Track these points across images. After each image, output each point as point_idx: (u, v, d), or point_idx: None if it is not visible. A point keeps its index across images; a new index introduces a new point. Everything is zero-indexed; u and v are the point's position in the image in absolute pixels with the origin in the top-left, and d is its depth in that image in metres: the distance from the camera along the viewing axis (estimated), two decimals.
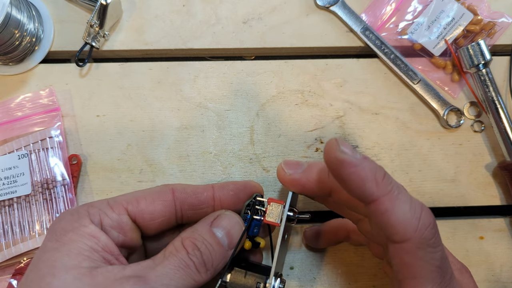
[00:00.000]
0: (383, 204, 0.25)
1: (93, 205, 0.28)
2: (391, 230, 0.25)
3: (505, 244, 0.42)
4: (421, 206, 0.26)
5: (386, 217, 0.25)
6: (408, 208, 0.25)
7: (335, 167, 0.26)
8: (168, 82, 0.44)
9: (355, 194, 0.26)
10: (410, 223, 0.25)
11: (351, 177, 0.26)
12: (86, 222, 0.27)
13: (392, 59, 0.44)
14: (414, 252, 0.25)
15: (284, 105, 0.44)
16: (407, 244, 0.25)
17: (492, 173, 0.43)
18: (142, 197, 0.29)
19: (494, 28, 0.44)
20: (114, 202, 0.29)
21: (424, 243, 0.25)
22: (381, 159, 0.43)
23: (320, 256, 0.41)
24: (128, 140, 0.42)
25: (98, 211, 0.27)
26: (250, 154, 0.43)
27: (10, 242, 0.38)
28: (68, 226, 0.26)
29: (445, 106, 0.43)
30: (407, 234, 0.25)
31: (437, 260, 0.26)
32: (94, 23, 0.41)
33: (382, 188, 0.25)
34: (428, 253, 0.25)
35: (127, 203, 0.29)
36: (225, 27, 0.45)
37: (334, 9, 0.45)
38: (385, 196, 0.25)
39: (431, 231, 0.25)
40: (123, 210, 0.28)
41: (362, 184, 0.25)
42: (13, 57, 0.42)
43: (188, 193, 0.31)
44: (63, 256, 0.25)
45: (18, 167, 0.40)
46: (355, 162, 0.25)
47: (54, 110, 0.42)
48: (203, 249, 0.27)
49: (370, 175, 0.25)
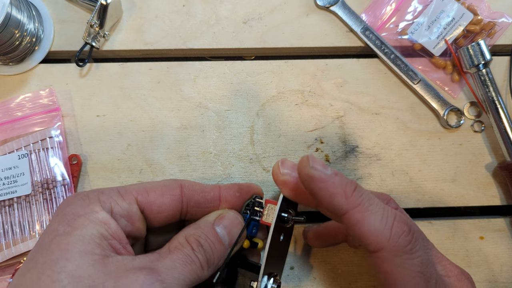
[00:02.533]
0: (354, 217, 0.27)
1: (104, 191, 0.28)
2: (364, 241, 0.27)
3: (505, 244, 0.42)
4: (394, 215, 0.27)
5: (358, 228, 0.27)
6: (379, 219, 0.26)
7: (306, 183, 0.28)
8: (168, 82, 0.44)
9: (327, 207, 0.28)
10: (382, 233, 0.26)
11: (321, 192, 0.27)
12: (97, 208, 0.26)
13: (392, 59, 0.44)
14: (390, 260, 0.26)
15: (284, 105, 0.44)
16: (382, 253, 0.26)
17: (492, 173, 0.43)
18: (152, 189, 0.29)
19: (494, 28, 0.44)
20: (124, 191, 0.28)
21: (400, 251, 0.26)
22: (381, 159, 0.43)
23: (320, 256, 0.41)
24: (128, 140, 0.42)
25: (108, 198, 0.27)
26: (250, 154, 0.43)
27: (10, 242, 0.38)
28: (80, 211, 0.26)
29: (445, 106, 0.43)
30: (380, 244, 0.26)
31: (416, 266, 0.26)
32: (94, 23, 0.41)
33: (352, 201, 0.27)
34: (406, 259, 0.26)
35: (137, 193, 0.29)
36: (225, 27, 0.45)
37: (334, 9, 0.45)
38: (355, 209, 0.27)
39: (405, 239, 0.26)
40: (133, 199, 0.28)
41: (331, 198, 0.27)
42: (13, 57, 0.42)
43: (196, 191, 0.31)
44: (77, 241, 0.24)
45: (18, 167, 0.40)
46: (324, 177, 0.27)
47: (54, 110, 0.42)
48: (206, 247, 0.28)
49: (339, 189, 0.27)
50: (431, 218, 0.42)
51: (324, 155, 0.43)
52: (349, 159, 0.43)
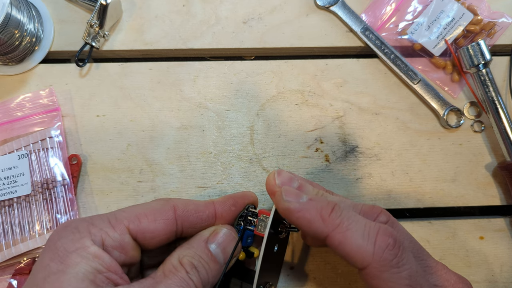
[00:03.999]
0: (335, 238, 0.27)
1: (94, 223, 0.27)
2: (350, 260, 0.27)
3: (505, 244, 0.42)
4: (377, 229, 0.27)
5: (341, 249, 0.27)
6: (360, 235, 0.27)
7: (285, 215, 0.29)
8: (168, 82, 0.44)
9: (309, 234, 0.28)
10: (366, 250, 0.26)
11: (299, 221, 0.28)
12: (88, 243, 0.26)
13: (392, 59, 0.44)
14: (378, 275, 0.26)
15: (284, 105, 0.44)
16: (369, 269, 0.26)
17: (492, 173, 0.43)
18: (144, 214, 0.29)
19: (494, 28, 0.44)
20: (115, 220, 0.28)
21: (386, 265, 0.26)
22: (381, 159, 0.43)
23: (320, 256, 0.41)
24: (128, 140, 0.42)
25: (99, 230, 0.27)
26: (250, 154, 0.43)
27: (10, 242, 0.38)
28: (71, 247, 0.26)
29: (445, 106, 0.43)
30: (365, 260, 0.26)
31: (405, 279, 0.26)
32: (94, 23, 0.41)
33: (330, 223, 0.27)
34: (393, 274, 0.26)
35: (128, 221, 0.28)
36: (225, 27, 0.45)
37: (334, 9, 0.45)
38: (335, 230, 0.27)
39: (390, 253, 0.26)
40: (125, 229, 0.28)
41: (310, 225, 0.28)
42: (13, 57, 0.42)
43: (190, 212, 0.31)
44: (71, 279, 0.24)
45: (18, 167, 0.40)
46: (298, 207, 0.28)
47: (54, 110, 0.42)
48: (200, 268, 0.28)
49: (315, 215, 0.28)
50: (431, 218, 0.42)
51: (324, 155, 0.43)
52: (349, 159, 0.43)
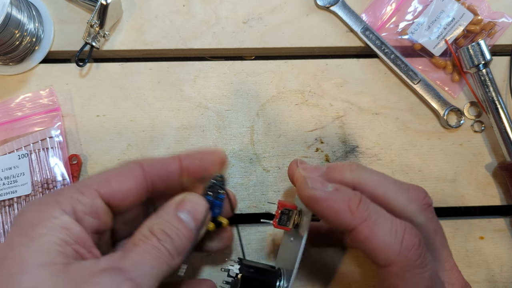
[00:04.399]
0: (362, 232, 0.26)
1: (62, 193, 0.26)
2: (374, 256, 0.26)
3: (505, 244, 0.42)
4: (404, 227, 0.26)
5: (367, 244, 0.26)
6: (388, 232, 0.26)
7: (309, 204, 0.28)
8: (168, 82, 0.44)
9: (334, 226, 0.27)
10: (392, 247, 0.25)
11: (326, 211, 0.27)
12: (56, 213, 0.25)
13: (392, 59, 0.44)
14: (400, 275, 0.25)
15: (284, 105, 0.44)
16: (392, 267, 0.25)
17: (492, 173, 0.43)
18: (113, 176, 0.28)
19: (494, 28, 0.44)
20: (84, 186, 0.27)
21: (410, 265, 0.25)
22: (381, 159, 0.43)
23: (320, 256, 0.41)
24: (128, 140, 0.42)
25: (68, 198, 0.26)
26: (250, 154, 0.43)
27: None
28: (35, 219, 0.24)
29: (445, 106, 0.43)
30: (391, 258, 0.25)
31: (426, 280, 0.26)
32: (94, 23, 0.41)
33: (358, 216, 0.26)
34: (416, 274, 0.25)
35: (98, 185, 0.27)
36: (225, 27, 0.45)
37: (334, 9, 0.45)
38: (363, 224, 0.26)
39: (416, 252, 0.26)
40: (95, 193, 0.27)
41: (337, 216, 0.26)
42: (13, 57, 0.42)
43: (157, 166, 0.30)
44: (34, 252, 0.23)
45: (18, 167, 0.40)
46: (325, 196, 0.27)
47: (54, 110, 0.42)
48: (173, 235, 0.27)
49: (343, 205, 0.26)
50: None
51: (324, 155, 0.43)
52: (349, 159, 0.43)
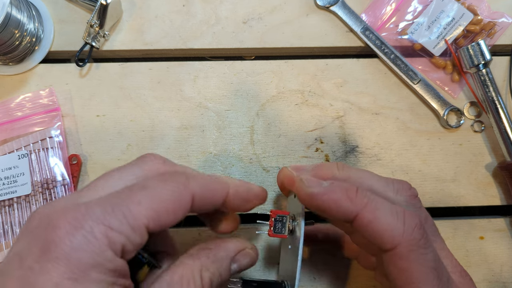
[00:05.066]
0: (365, 217, 0.26)
1: (112, 225, 0.22)
2: (380, 240, 0.26)
3: (505, 244, 0.42)
4: (402, 209, 0.27)
5: (371, 228, 0.26)
6: (389, 214, 0.26)
7: (309, 202, 0.28)
8: (168, 82, 0.44)
9: (337, 217, 0.28)
10: (396, 228, 0.26)
11: (326, 204, 0.27)
12: (109, 255, 0.22)
13: (392, 59, 0.44)
14: (406, 255, 0.26)
15: (284, 105, 0.44)
16: (398, 249, 0.26)
17: (492, 173, 0.43)
18: (164, 209, 0.24)
19: (494, 28, 0.44)
20: (134, 220, 0.23)
21: (415, 245, 0.26)
22: (381, 159, 0.43)
23: (320, 256, 0.41)
24: (128, 140, 0.42)
25: (118, 236, 0.22)
26: (250, 154, 0.43)
27: (10, 242, 0.38)
28: (89, 259, 0.21)
29: (445, 106, 0.43)
30: (396, 239, 0.26)
31: (430, 261, 0.26)
32: (94, 23, 0.41)
33: (358, 203, 0.27)
34: (421, 254, 0.26)
35: (148, 220, 0.24)
36: (225, 27, 0.45)
37: (334, 9, 0.45)
38: (364, 209, 0.26)
39: (419, 232, 0.26)
40: (145, 230, 0.24)
41: (338, 206, 0.27)
42: (13, 57, 0.42)
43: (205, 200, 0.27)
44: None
45: (18, 167, 0.40)
46: (323, 191, 0.28)
47: (54, 110, 0.42)
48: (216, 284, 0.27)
49: (342, 195, 0.27)
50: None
51: (324, 155, 0.43)
52: (349, 159, 0.43)
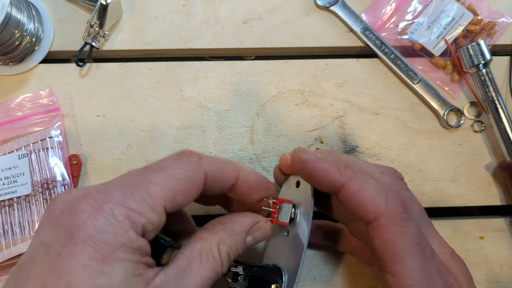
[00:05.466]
0: (350, 188, 0.28)
1: (131, 207, 0.23)
2: (363, 209, 0.27)
3: (505, 244, 0.42)
4: (386, 187, 0.28)
5: (356, 199, 0.27)
6: (373, 188, 0.28)
7: (301, 168, 0.30)
8: (168, 82, 0.44)
9: (323, 185, 0.29)
10: (379, 199, 0.27)
11: (316, 172, 0.29)
12: (133, 236, 0.23)
13: (392, 59, 0.44)
14: (389, 227, 0.27)
15: (284, 105, 0.44)
16: (380, 220, 0.27)
17: (492, 173, 0.43)
18: (178, 190, 0.25)
19: (494, 28, 0.44)
20: (152, 201, 0.24)
21: (397, 217, 0.27)
22: (381, 159, 0.43)
23: (320, 256, 0.41)
24: (128, 140, 0.42)
25: (139, 217, 0.23)
26: (250, 154, 0.43)
27: (10, 242, 0.38)
28: (113, 239, 0.22)
29: (445, 106, 0.43)
30: (379, 210, 0.27)
31: (413, 235, 0.27)
32: (94, 23, 0.41)
33: (346, 174, 0.28)
34: (403, 227, 0.27)
35: (165, 200, 0.24)
36: (225, 27, 0.45)
37: (334, 9, 0.45)
38: (351, 181, 0.28)
39: (401, 206, 0.27)
40: (163, 210, 0.24)
41: (326, 175, 0.28)
42: (13, 57, 0.42)
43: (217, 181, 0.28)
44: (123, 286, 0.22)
45: (18, 167, 0.40)
46: (315, 159, 0.29)
47: (54, 110, 0.42)
48: (231, 257, 0.28)
49: (332, 165, 0.29)
50: (431, 218, 0.42)
51: None
52: None
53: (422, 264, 0.26)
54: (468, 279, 0.29)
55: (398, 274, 0.26)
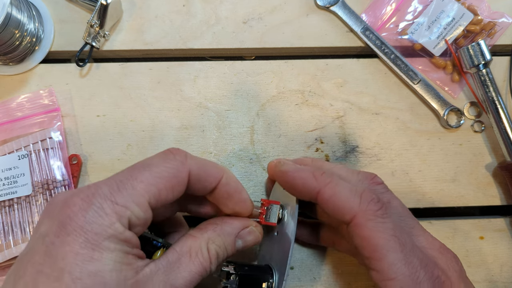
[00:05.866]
0: (326, 193, 0.30)
1: (118, 201, 0.24)
2: (340, 211, 0.29)
3: (505, 244, 0.42)
4: (362, 189, 0.30)
5: (332, 202, 0.29)
6: (348, 190, 0.29)
7: (281, 179, 0.33)
8: (168, 82, 0.44)
9: (303, 193, 0.31)
10: (353, 200, 0.29)
11: (294, 181, 0.31)
12: (119, 228, 0.24)
13: (392, 59, 0.44)
14: (365, 224, 0.28)
15: (284, 105, 0.44)
16: (356, 219, 0.28)
17: (492, 173, 0.43)
18: (163, 186, 0.26)
19: (494, 28, 0.44)
20: (138, 196, 0.25)
21: (371, 214, 0.28)
22: (381, 159, 0.43)
23: (320, 256, 0.41)
24: (128, 140, 0.42)
25: (125, 210, 0.24)
26: (250, 154, 0.43)
27: (10, 243, 0.38)
28: (100, 230, 0.23)
29: (445, 106, 0.43)
30: (353, 210, 0.28)
31: (390, 229, 0.28)
32: (94, 23, 0.41)
33: (322, 180, 0.30)
34: (379, 223, 0.28)
35: (149, 195, 0.26)
36: (225, 27, 0.45)
37: (334, 9, 0.45)
38: (326, 186, 0.30)
39: (375, 204, 0.29)
40: (147, 205, 0.26)
41: (304, 183, 0.31)
42: (13, 57, 0.42)
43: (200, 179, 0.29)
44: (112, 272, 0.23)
45: (18, 167, 0.40)
46: (294, 169, 0.32)
47: (54, 110, 0.42)
48: (220, 259, 0.29)
49: (309, 174, 0.31)
50: (431, 218, 0.42)
51: (324, 155, 0.43)
52: (349, 159, 0.43)
53: (403, 257, 0.27)
54: (459, 273, 0.29)
55: (381, 269, 0.27)
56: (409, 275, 0.27)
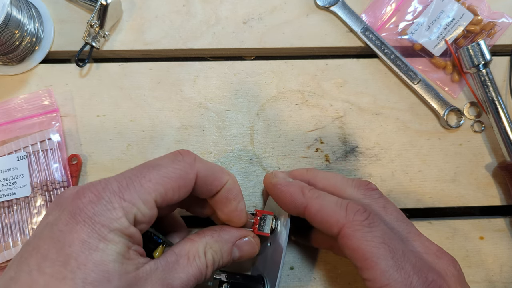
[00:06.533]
0: (313, 207, 0.30)
1: (125, 197, 0.25)
2: (327, 225, 0.30)
3: (505, 244, 0.42)
4: (347, 201, 0.30)
5: (319, 216, 0.30)
6: (334, 205, 0.30)
7: (271, 191, 0.34)
8: (168, 82, 0.44)
9: (291, 208, 0.32)
10: (339, 213, 0.29)
11: (283, 194, 0.32)
12: (124, 222, 0.25)
13: (392, 59, 0.44)
14: (353, 235, 0.28)
15: (284, 105, 0.44)
16: (344, 230, 0.29)
17: (492, 173, 0.43)
18: (170, 186, 0.27)
19: (494, 29, 0.44)
20: (145, 194, 0.26)
21: (358, 225, 0.29)
22: (381, 159, 0.43)
23: (320, 256, 0.41)
24: (128, 140, 0.42)
25: (131, 207, 0.25)
26: (250, 154, 0.43)
27: (10, 243, 0.38)
28: (107, 222, 0.24)
29: (445, 106, 0.43)
30: (340, 222, 0.29)
31: (378, 237, 0.28)
32: (94, 23, 0.41)
33: (309, 196, 0.31)
34: (367, 232, 0.28)
35: (156, 194, 0.27)
36: (225, 27, 0.45)
37: (334, 9, 0.45)
38: (313, 201, 0.31)
39: (362, 214, 0.29)
40: (154, 203, 0.27)
41: (292, 198, 0.32)
42: (13, 57, 0.42)
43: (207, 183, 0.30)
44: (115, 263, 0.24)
45: (17, 168, 0.39)
46: (284, 183, 0.33)
47: (53, 111, 0.42)
48: (216, 265, 0.30)
49: (297, 189, 0.32)
50: (431, 218, 0.42)
51: (324, 155, 0.43)
52: (349, 159, 0.43)
53: (393, 264, 0.27)
54: (457, 277, 0.29)
55: (374, 278, 0.27)
56: (401, 281, 0.27)
